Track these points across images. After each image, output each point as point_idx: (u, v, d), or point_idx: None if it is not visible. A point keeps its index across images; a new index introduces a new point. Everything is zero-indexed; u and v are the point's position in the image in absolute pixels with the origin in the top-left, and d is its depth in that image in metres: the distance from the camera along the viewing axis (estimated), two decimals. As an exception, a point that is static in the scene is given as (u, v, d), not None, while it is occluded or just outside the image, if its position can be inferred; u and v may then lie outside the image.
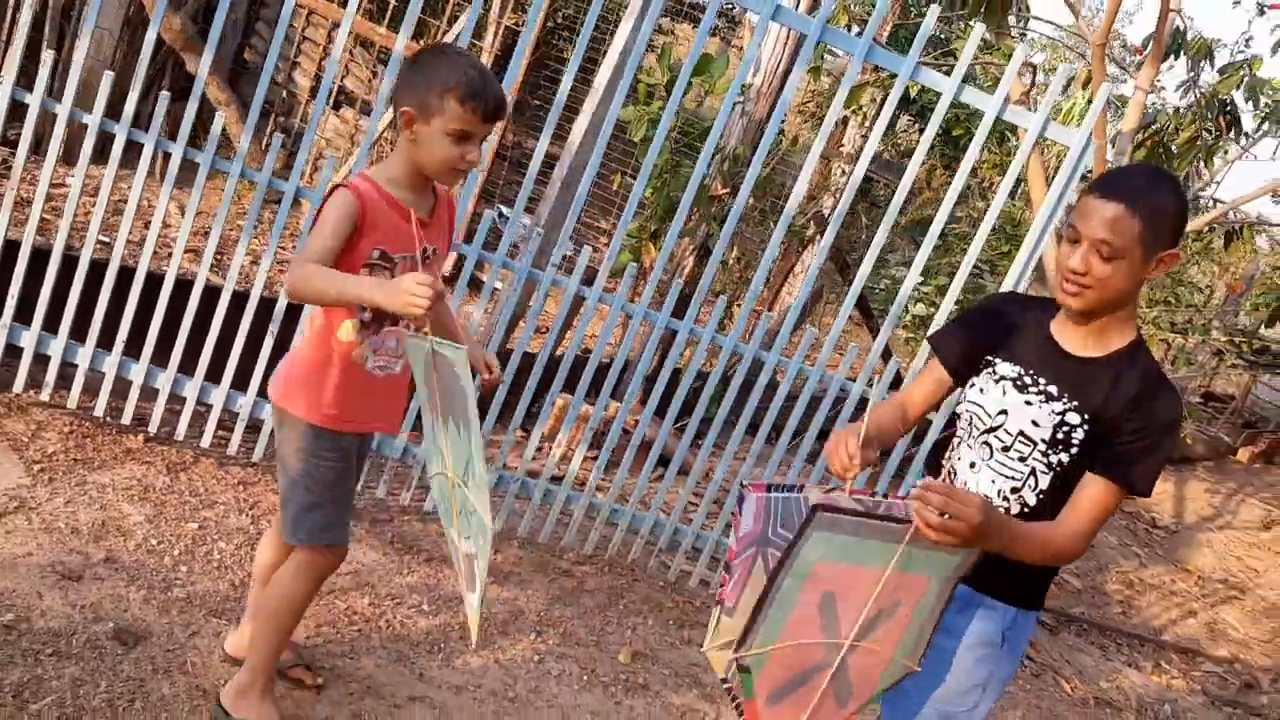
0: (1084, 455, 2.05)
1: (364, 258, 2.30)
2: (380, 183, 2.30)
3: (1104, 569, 7.90)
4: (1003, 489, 2.15)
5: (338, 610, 3.20)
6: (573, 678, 3.35)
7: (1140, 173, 2.04)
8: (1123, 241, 1.94)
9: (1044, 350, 2.14)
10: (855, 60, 3.63)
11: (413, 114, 2.24)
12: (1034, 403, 2.10)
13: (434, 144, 2.24)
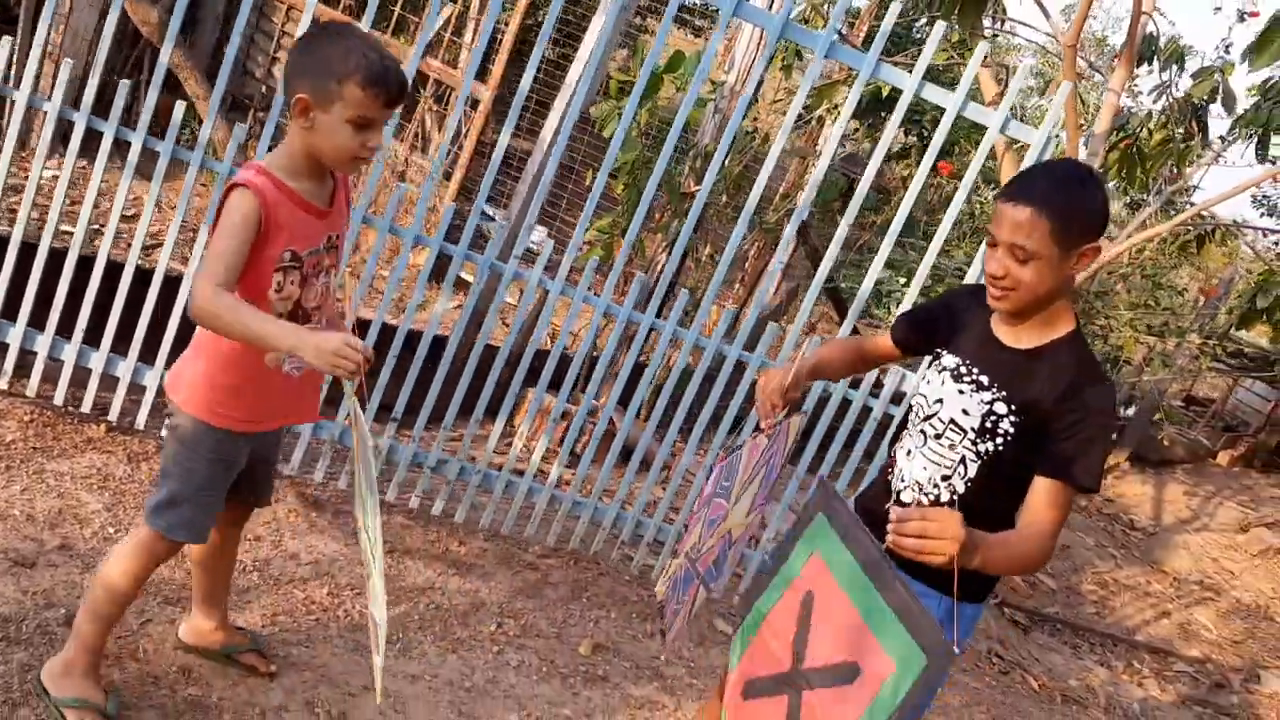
0: (1013, 446, 2.07)
1: (274, 262, 2.17)
2: (278, 175, 2.16)
3: (1079, 569, 7.93)
4: (933, 476, 2.18)
5: (295, 599, 3.20)
6: (531, 668, 3.35)
7: (1048, 172, 2.06)
8: (1034, 244, 1.97)
9: (982, 342, 2.18)
10: (817, 56, 3.65)
11: (309, 101, 2.10)
12: (966, 392, 2.14)
13: (333, 132, 2.11)
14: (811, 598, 1.93)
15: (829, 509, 1.93)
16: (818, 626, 1.91)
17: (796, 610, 1.95)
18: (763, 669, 2.00)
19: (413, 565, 3.66)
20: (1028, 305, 2.06)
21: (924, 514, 1.73)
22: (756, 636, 2.04)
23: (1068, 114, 5.25)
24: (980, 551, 1.80)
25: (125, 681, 2.60)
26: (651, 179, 3.71)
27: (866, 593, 1.81)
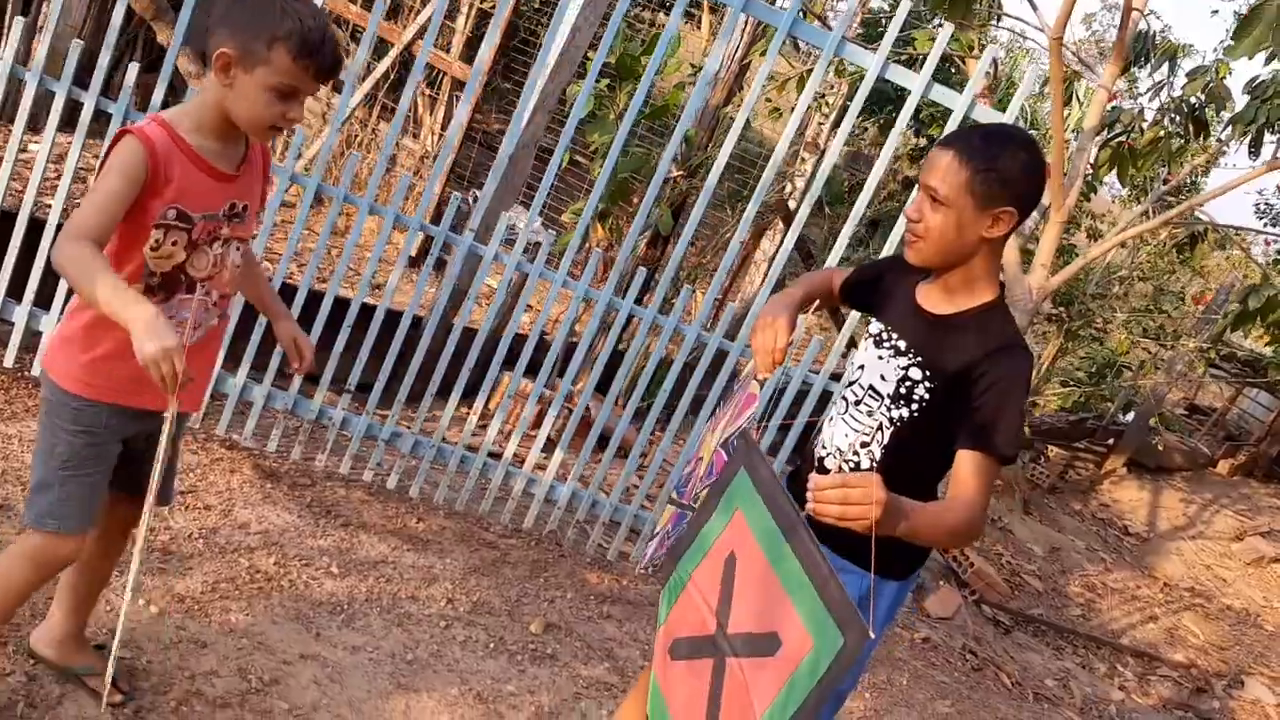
0: (928, 413, 2.04)
1: (155, 217, 1.98)
2: (179, 130, 1.99)
3: (1068, 572, 7.87)
4: (854, 443, 2.16)
5: (240, 567, 3.18)
6: (479, 644, 3.32)
7: (987, 130, 2.04)
8: (948, 189, 1.94)
9: (905, 309, 2.16)
10: (825, 55, 3.59)
11: (232, 57, 1.92)
12: (884, 357, 2.12)
13: (253, 97, 1.94)
14: (734, 560, 1.89)
15: (750, 465, 1.89)
16: (740, 591, 1.88)
17: (720, 572, 1.92)
18: (688, 629, 1.97)
19: (367, 539, 3.63)
20: (937, 258, 2.03)
21: (844, 480, 1.68)
22: (683, 594, 2.01)
23: (1054, 108, 5.20)
24: (904, 518, 1.76)
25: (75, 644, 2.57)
26: (609, 157, 3.67)
27: (786, 562, 1.76)
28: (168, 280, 2.07)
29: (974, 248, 2.01)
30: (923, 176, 2.00)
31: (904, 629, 5.12)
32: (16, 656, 2.49)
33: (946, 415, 2.02)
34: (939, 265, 2.06)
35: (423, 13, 7.09)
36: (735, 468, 1.93)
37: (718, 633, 1.88)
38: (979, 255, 2.03)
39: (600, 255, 3.85)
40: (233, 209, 2.12)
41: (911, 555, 2.21)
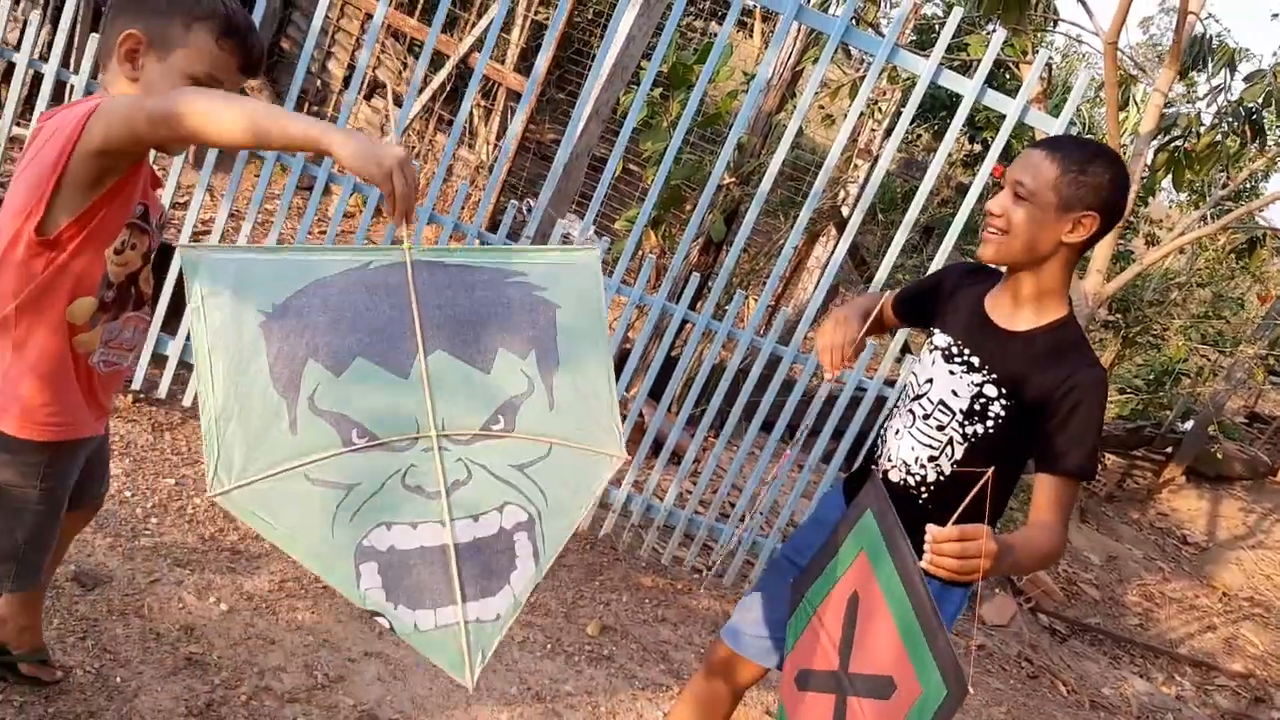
0: (1003, 430, 2.06)
1: (129, 215, 1.75)
2: None
3: (1125, 581, 7.78)
4: (920, 456, 2.17)
5: (304, 569, 3.25)
6: (536, 645, 3.38)
7: (1078, 138, 2.08)
8: (1035, 184, 1.96)
9: (974, 322, 2.15)
10: (877, 61, 3.60)
11: (141, 41, 1.69)
12: (956, 373, 2.12)
13: (167, 87, 1.67)
14: (857, 600, 1.94)
15: (877, 508, 1.92)
16: (861, 632, 1.92)
17: (843, 610, 1.96)
18: (813, 663, 2.01)
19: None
20: (1010, 255, 2.04)
21: (960, 533, 1.70)
22: (808, 627, 2.05)
23: (1108, 112, 5.18)
24: (1008, 558, 1.80)
25: (128, 637, 2.67)
26: (663, 165, 3.71)
27: (903, 606, 1.80)
28: (121, 293, 1.83)
29: (1050, 250, 2.01)
30: (1011, 172, 2.03)
31: (960, 635, 5.11)
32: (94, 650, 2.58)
33: (1023, 433, 2.04)
34: (1013, 263, 2.06)
35: (478, 25, 7.20)
36: (863, 507, 1.96)
37: (840, 670, 1.93)
38: (1052, 263, 2.03)
39: (653, 261, 3.89)
40: (160, 219, 1.90)
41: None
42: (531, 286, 1.61)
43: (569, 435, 1.63)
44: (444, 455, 1.55)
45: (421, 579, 1.54)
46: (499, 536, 1.58)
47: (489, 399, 1.59)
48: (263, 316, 1.47)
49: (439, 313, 1.56)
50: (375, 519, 1.52)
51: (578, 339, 1.64)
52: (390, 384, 1.53)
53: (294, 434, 1.48)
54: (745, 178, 5.21)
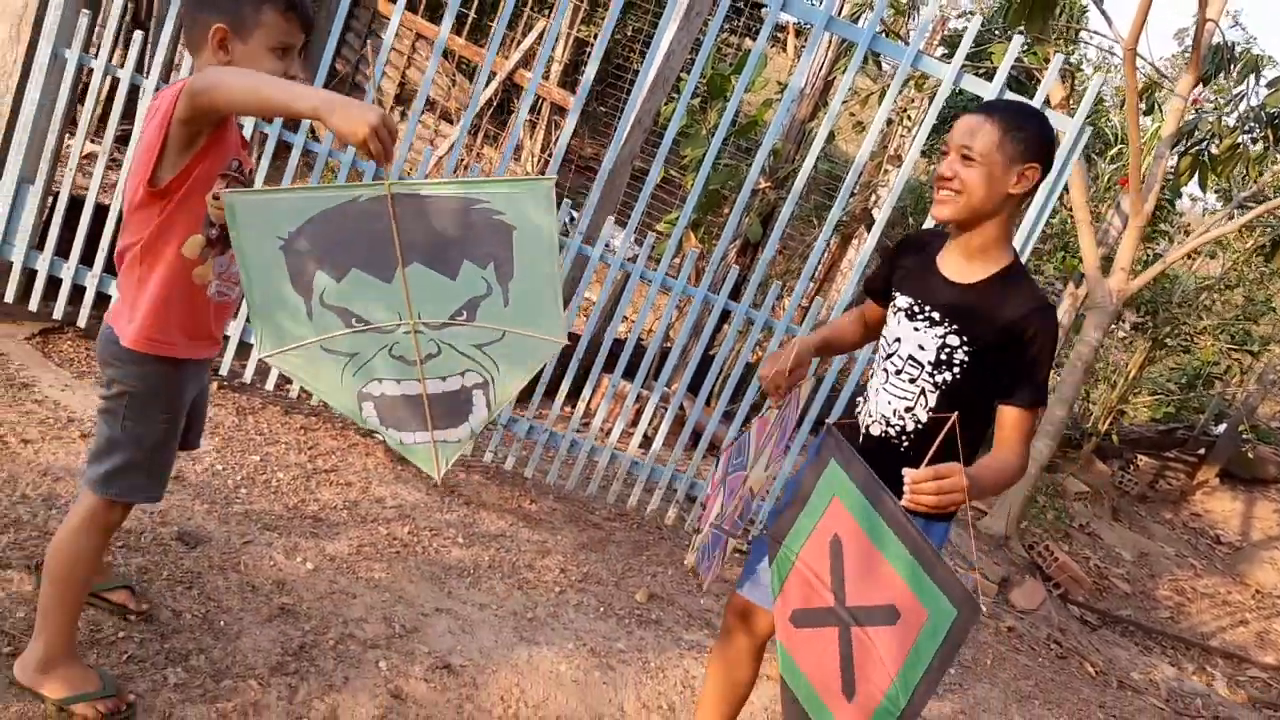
0: (968, 374, 2.29)
1: (223, 161, 2.11)
2: None
3: (1156, 576, 7.95)
4: (898, 408, 2.40)
5: (379, 534, 3.56)
6: (590, 608, 3.65)
7: (1006, 100, 2.34)
8: (981, 146, 2.22)
9: (931, 280, 2.38)
10: (902, 67, 3.85)
11: (226, 31, 2.06)
12: (920, 329, 2.35)
13: (257, 62, 2.07)
14: (839, 542, 2.11)
15: (840, 457, 2.10)
16: (851, 570, 2.09)
17: (827, 553, 2.13)
18: (808, 602, 2.17)
19: (487, 516, 4.00)
20: (969, 215, 2.27)
21: (935, 472, 1.95)
22: (793, 571, 2.20)
23: (1129, 117, 5.41)
24: (977, 487, 2.07)
25: (228, 588, 2.97)
26: (702, 170, 3.99)
27: (894, 545, 1.98)
28: (223, 231, 2.14)
29: (1000, 204, 2.25)
30: (953, 138, 2.27)
31: (990, 618, 5.33)
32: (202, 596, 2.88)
33: (987, 373, 2.28)
34: (967, 219, 2.29)
35: (523, 43, 7.54)
36: (826, 459, 2.14)
37: (837, 605, 2.10)
38: (999, 216, 2.27)
39: (695, 254, 4.17)
40: (250, 173, 2.29)
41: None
42: (491, 210, 1.97)
43: (518, 324, 2.09)
44: (420, 336, 2.06)
45: (404, 415, 2.13)
46: (460, 392, 2.14)
47: (455, 298, 2.04)
48: (280, 241, 1.93)
49: (415, 233, 1.96)
50: (371, 375, 2.10)
51: (530, 252, 2.01)
52: (378, 287, 2.00)
53: (310, 320, 2.01)
54: (780, 182, 5.48)
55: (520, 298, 2.05)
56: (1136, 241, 5.92)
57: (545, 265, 2.02)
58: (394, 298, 2.00)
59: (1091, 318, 6.15)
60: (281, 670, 2.73)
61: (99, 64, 3.77)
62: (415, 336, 2.06)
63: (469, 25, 7.83)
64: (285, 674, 2.72)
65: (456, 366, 2.12)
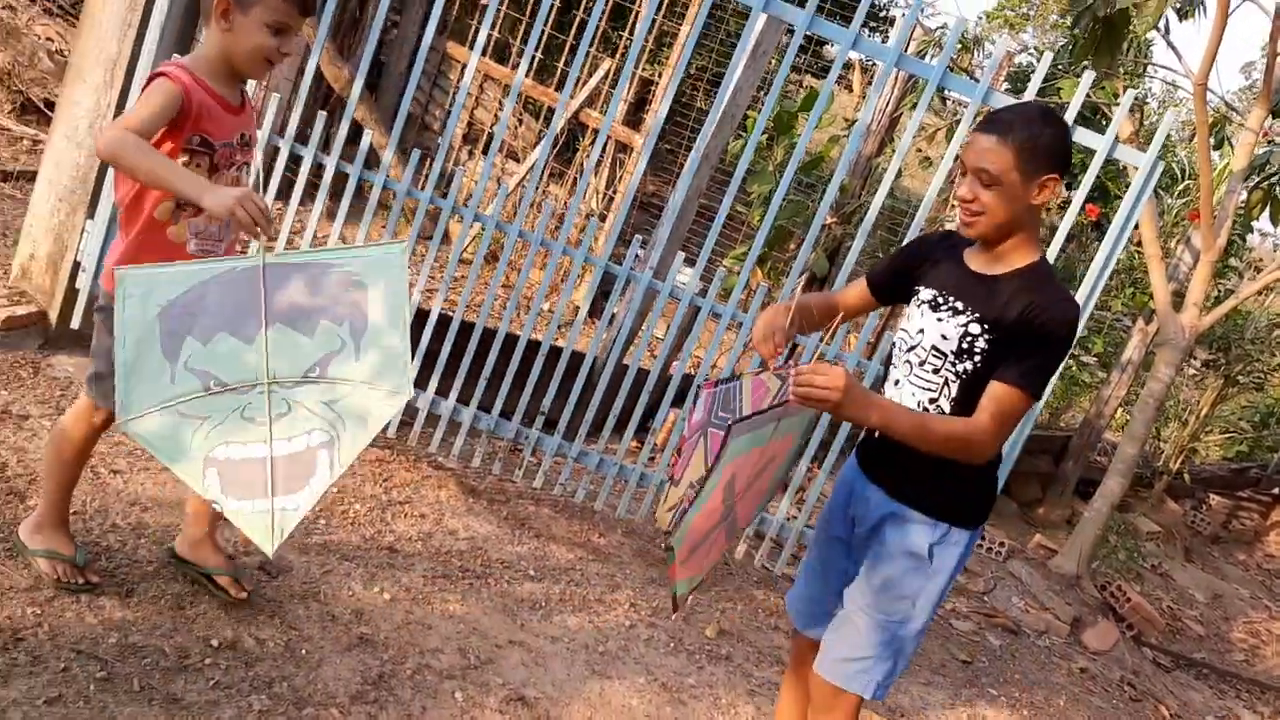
0: (988, 362, 2.27)
1: (183, 142, 2.39)
2: (199, 74, 2.41)
3: (1230, 618, 7.77)
4: (921, 400, 2.38)
5: (453, 566, 3.61)
6: (660, 643, 3.66)
7: (1017, 109, 2.28)
8: (998, 168, 2.20)
9: (957, 274, 2.38)
10: (973, 103, 3.85)
11: (230, 4, 2.36)
12: (944, 319, 2.34)
13: (251, 33, 2.38)
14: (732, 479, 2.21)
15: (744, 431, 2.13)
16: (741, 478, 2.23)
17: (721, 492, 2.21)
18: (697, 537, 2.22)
19: (557, 549, 4.03)
20: (994, 231, 2.27)
21: (814, 367, 2.08)
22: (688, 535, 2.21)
23: (1200, 151, 5.37)
24: (874, 408, 2.14)
25: (309, 617, 3.03)
26: (771, 207, 4.02)
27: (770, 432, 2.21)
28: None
29: (1024, 215, 2.26)
30: (968, 160, 2.25)
31: (1062, 659, 5.26)
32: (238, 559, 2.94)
33: (1003, 362, 2.26)
34: (995, 237, 2.29)
35: (588, 82, 7.65)
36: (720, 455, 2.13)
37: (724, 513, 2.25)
38: (1023, 222, 2.27)
39: (766, 289, 4.19)
40: (242, 138, 2.56)
41: (979, 505, 2.44)
42: (350, 274, 2.19)
43: (368, 378, 2.19)
44: (272, 396, 2.18)
45: (248, 480, 2.17)
46: (305, 453, 2.19)
47: (310, 355, 2.18)
48: (158, 309, 2.13)
49: (280, 297, 2.16)
50: (221, 439, 2.17)
51: (382, 310, 2.19)
52: (240, 349, 2.17)
53: (172, 384, 2.16)
54: (847, 217, 5.50)
55: (370, 353, 2.19)
56: (1208, 277, 5.85)
57: (395, 323, 2.18)
58: (254, 358, 2.17)
59: (1163, 354, 6.07)
60: (361, 699, 2.78)
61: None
62: (268, 396, 2.17)
63: (534, 65, 7.96)
64: (365, 703, 2.77)
65: (304, 425, 2.19)
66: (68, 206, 3.99)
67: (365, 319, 2.18)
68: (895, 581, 2.41)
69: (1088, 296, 3.86)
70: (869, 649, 2.45)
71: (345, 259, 2.19)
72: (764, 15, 3.89)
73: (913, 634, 2.46)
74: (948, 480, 2.34)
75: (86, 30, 3.88)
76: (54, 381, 3.82)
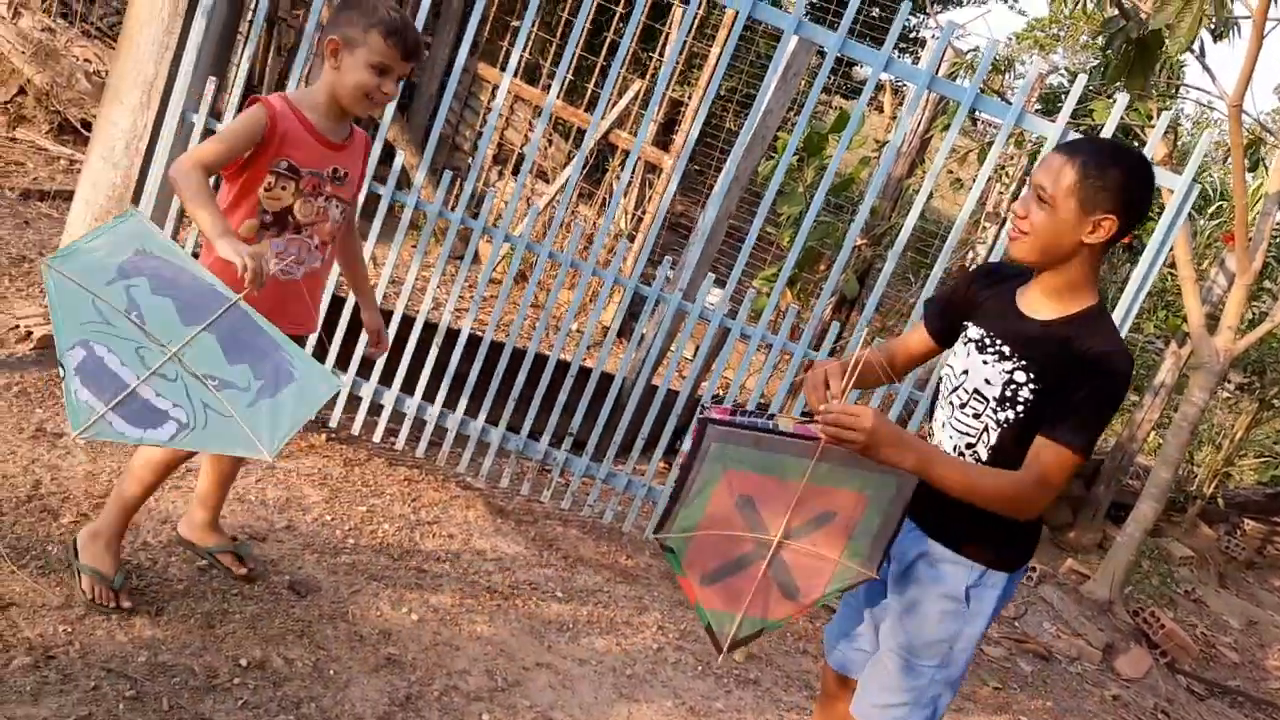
0: (1032, 414, 2.16)
1: (271, 164, 2.55)
2: (299, 105, 2.59)
3: (1266, 645, 7.65)
4: (958, 445, 2.30)
5: (480, 587, 3.60)
6: (688, 667, 3.64)
7: (1100, 140, 2.21)
8: (1055, 190, 2.09)
9: (1006, 314, 2.26)
10: (1006, 125, 3.82)
11: (339, 43, 2.53)
12: (989, 362, 2.23)
13: (355, 72, 2.52)
14: (748, 497, 2.15)
15: (721, 437, 2.12)
16: (769, 509, 2.15)
17: (734, 511, 2.17)
18: (720, 559, 2.20)
19: (584, 570, 4.02)
20: (1036, 255, 2.15)
21: (844, 407, 2.00)
22: (691, 545, 2.22)
23: (1234, 174, 5.32)
24: (910, 451, 2.03)
25: (337, 637, 3.03)
26: (802, 228, 4.01)
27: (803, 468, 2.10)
28: (278, 219, 2.64)
29: (1072, 250, 2.12)
30: (1034, 175, 2.16)
31: (1094, 686, 5.19)
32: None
33: (1049, 412, 2.14)
34: (1037, 262, 2.17)
35: (618, 103, 7.67)
36: (706, 446, 2.15)
37: (756, 544, 2.19)
38: (1078, 260, 2.14)
39: (796, 310, 4.18)
40: (335, 173, 2.69)
41: (1020, 547, 2.33)
42: (291, 364, 2.30)
43: (245, 419, 2.23)
44: (170, 362, 2.24)
45: (101, 382, 2.20)
46: (159, 413, 2.22)
47: (218, 369, 2.26)
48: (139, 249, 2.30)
49: (228, 324, 2.29)
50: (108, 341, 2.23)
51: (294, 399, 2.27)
52: (173, 320, 2.26)
53: (108, 286, 2.24)
54: (877, 239, 5.48)
55: (263, 409, 2.24)
56: (1244, 300, 5.78)
57: (299, 412, 2.26)
58: (180, 332, 2.25)
59: (1197, 378, 6.00)
60: (389, 720, 2.77)
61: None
62: (165, 358, 2.23)
63: (564, 86, 8.00)
64: (393, 724, 2.76)
65: (176, 396, 2.24)
66: (103, 226, 4.04)
67: (276, 392, 2.26)
68: (930, 624, 2.32)
69: (1123, 319, 3.83)
70: (903, 694, 2.37)
71: (295, 353, 2.31)
72: (795, 37, 3.89)
73: (950, 680, 2.37)
74: (988, 521, 2.17)
75: (124, 52, 3.93)
76: (88, 399, 3.85)
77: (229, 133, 2.50)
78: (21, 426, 3.54)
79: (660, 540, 2.28)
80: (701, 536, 2.20)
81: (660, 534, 2.26)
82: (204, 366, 2.25)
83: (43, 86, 7.20)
